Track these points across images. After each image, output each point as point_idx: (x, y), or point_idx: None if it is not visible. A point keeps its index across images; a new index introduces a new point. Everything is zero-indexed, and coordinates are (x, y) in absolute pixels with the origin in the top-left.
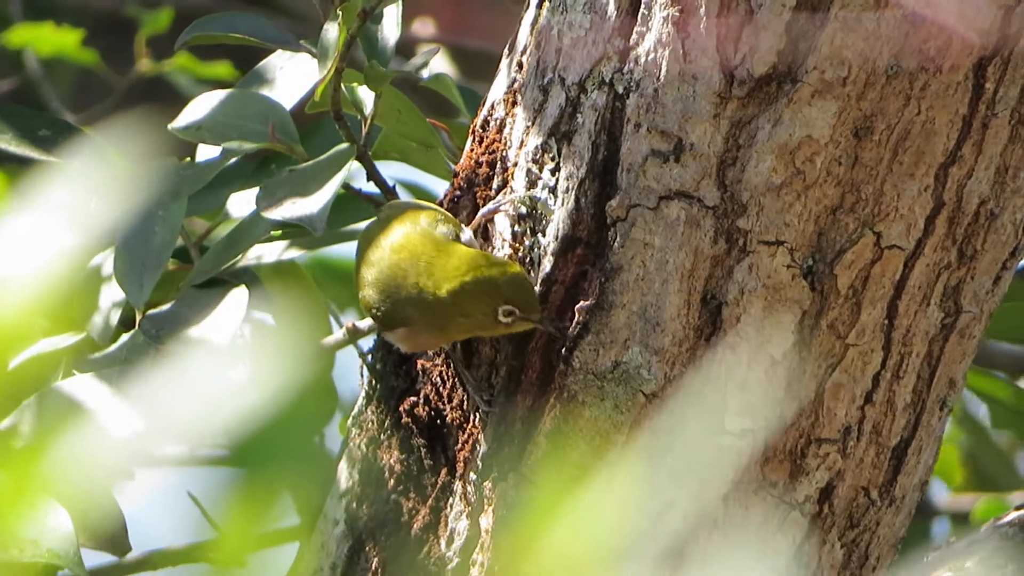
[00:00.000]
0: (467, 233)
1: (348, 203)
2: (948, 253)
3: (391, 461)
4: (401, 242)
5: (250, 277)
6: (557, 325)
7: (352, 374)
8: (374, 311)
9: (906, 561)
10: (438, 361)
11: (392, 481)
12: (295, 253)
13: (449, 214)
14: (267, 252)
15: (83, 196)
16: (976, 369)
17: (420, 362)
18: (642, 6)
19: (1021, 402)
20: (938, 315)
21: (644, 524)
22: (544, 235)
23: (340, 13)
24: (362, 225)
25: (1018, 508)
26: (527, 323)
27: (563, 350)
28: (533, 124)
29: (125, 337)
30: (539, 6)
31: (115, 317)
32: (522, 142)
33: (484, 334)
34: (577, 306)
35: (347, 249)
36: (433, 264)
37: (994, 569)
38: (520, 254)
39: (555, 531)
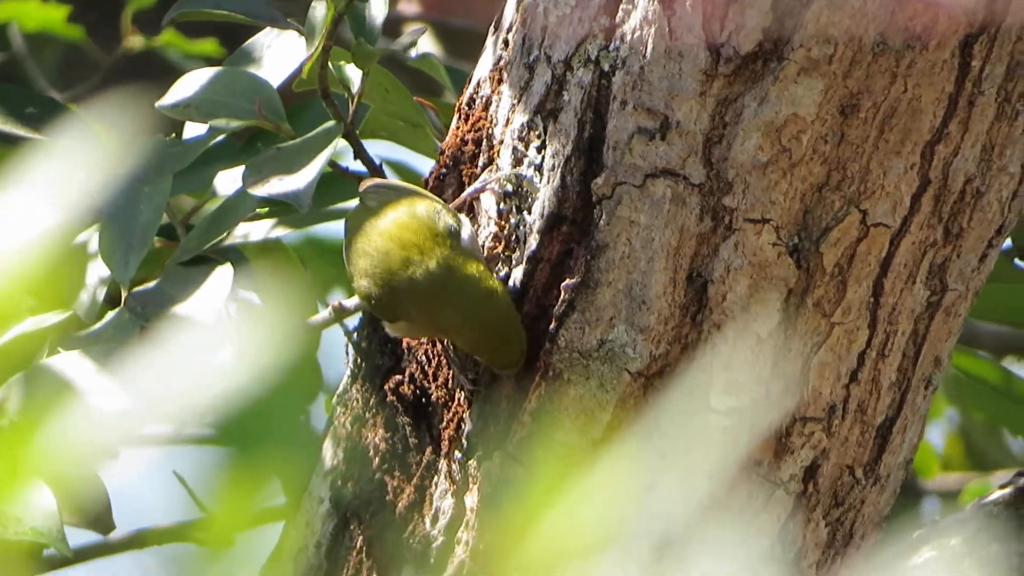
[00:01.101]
0: (466, 229)
1: (335, 181)
2: (934, 231)
3: (376, 440)
4: (402, 237)
5: (236, 255)
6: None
7: (338, 353)
8: (372, 302)
9: (891, 539)
10: (423, 340)
11: (377, 460)
12: (282, 231)
13: (444, 204)
14: (254, 231)
15: (69, 173)
16: (961, 349)
17: (405, 341)
18: None
19: (1006, 383)
20: (924, 293)
21: (630, 503)
22: (530, 213)
23: None
24: (349, 204)
25: (1003, 487)
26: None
27: (549, 328)
28: (519, 102)
29: (111, 315)
30: None
31: (101, 295)
32: (508, 120)
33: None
34: (563, 284)
35: (336, 227)
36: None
37: (979, 547)
38: (505, 232)
39: (541, 510)
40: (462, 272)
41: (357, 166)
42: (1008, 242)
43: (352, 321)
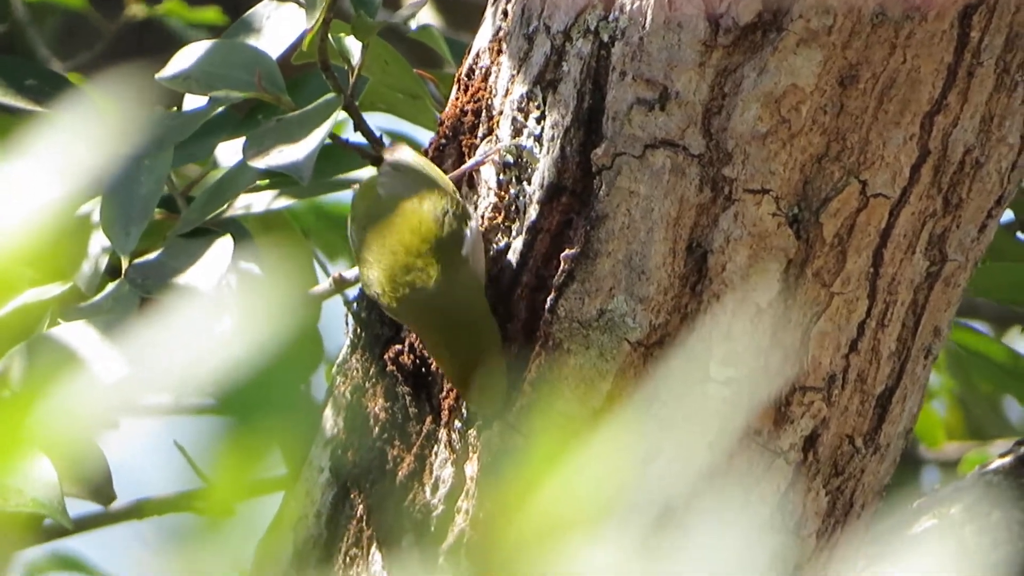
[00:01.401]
0: (470, 233)
1: (335, 153)
2: (933, 201)
3: (376, 409)
4: (409, 242)
5: (237, 227)
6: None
7: (338, 323)
8: (372, 292)
9: (891, 508)
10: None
11: (377, 429)
12: (283, 203)
13: (457, 198)
14: (255, 202)
15: (70, 146)
16: (960, 323)
17: None
18: None
19: (1007, 358)
20: (923, 263)
21: (629, 472)
22: (529, 183)
23: None
24: (351, 175)
25: (1003, 456)
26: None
27: (548, 298)
28: (518, 72)
29: (111, 286)
30: None
31: (102, 266)
32: (507, 90)
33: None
34: (562, 254)
35: (337, 198)
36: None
37: (979, 516)
38: (505, 202)
39: (540, 479)
40: (456, 299)
41: (357, 138)
42: (1010, 215)
43: (352, 291)
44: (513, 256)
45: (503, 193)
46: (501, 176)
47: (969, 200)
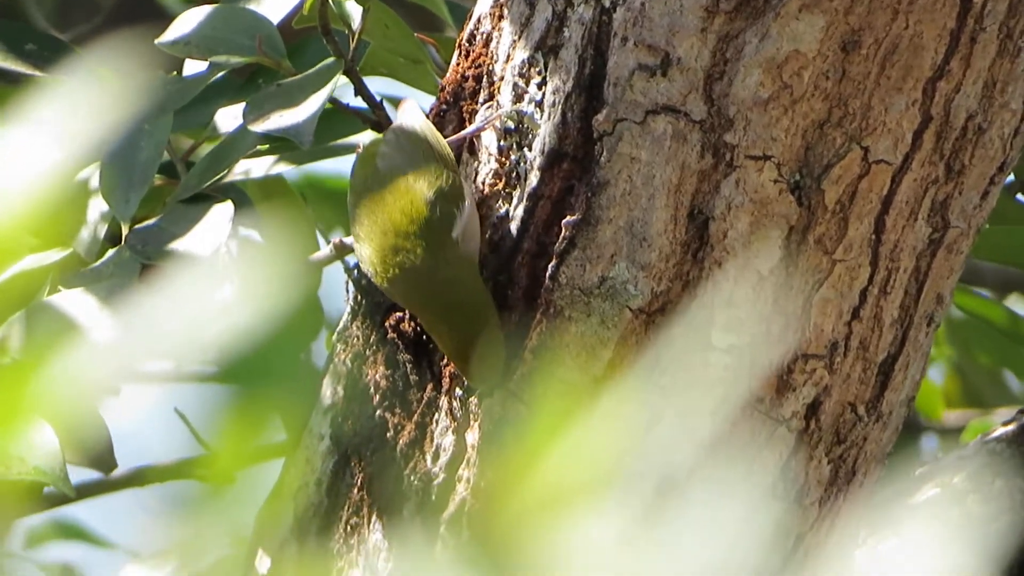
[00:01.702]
0: (467, 205)
1: (336, 118)
2: (936, 168)
3: (376, 377)
4: (399, 223)
5: (237, 193)
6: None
7: (338, 290)
8: (370, 274)
9: (894, 477)
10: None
11: (377, 397)
12: (283, 168)
13: (454, 168)
14: (255, 168)
15: (70, 111)
16: (963, 288)
17: None
18: None
19: (1009, 323)
20: (926, 230)
21: (631, 440)
22: (530, 149)
23: None
24: (351, 139)
25: (1005, 424)
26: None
27: (549, 265)
28: (520, 38)
29: (111, 252)
30: None
31: (102, 232)
32: (508, 56)
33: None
34: (563, 221)
35: (336, 167)
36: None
37: (982, 485)
38: (506, 168)
39: (542, 447)
40: (447, 279)
41: (357, 103)
42: (1011, 176)
43: (353, 258)
44: (514, 223)
45: (504, 159)
46: (502, 142)
47: (971, 166)
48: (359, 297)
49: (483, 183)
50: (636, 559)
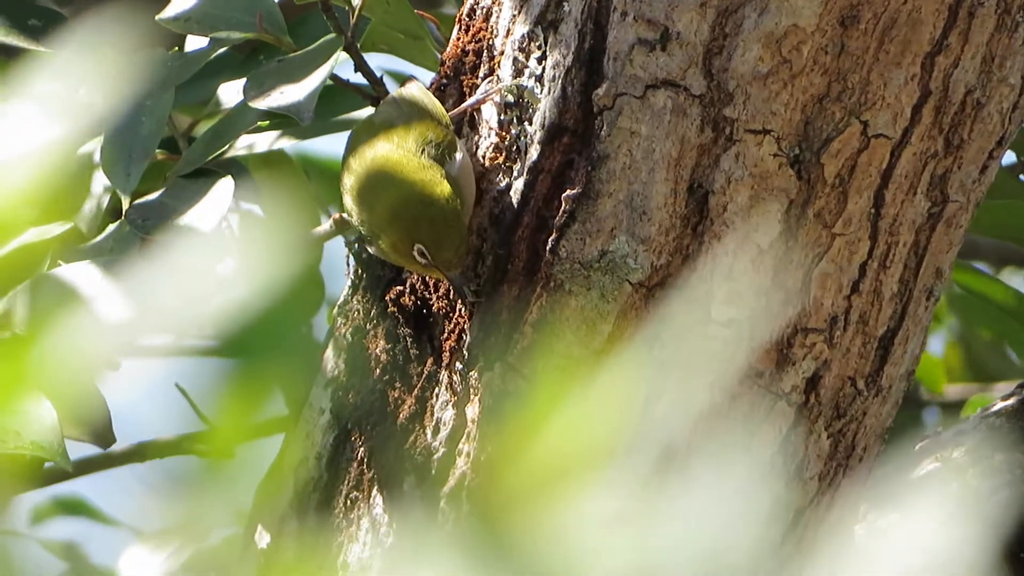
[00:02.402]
0: (459, 157)
1: (336, 94)
2: (935, 142)
3: (377, 351)
4: (381, 160)
5: (238, 168)
6: (469, 286)
7: (339, 265)
8: (351, 218)
9: (893, 451)
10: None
11: (378, 371)
12: (284, 143)
13: (449, 129)
14: (256, 143)
15: (72, 86)
16: (962, 264)
17: None
18: None
19: (1007, 297)
20: (925, 204)
21: (631, 413)
22: (531, 124)
23: None
24: (352, 115)
25: (1005, 398)
26: (439, 272)
27: (549, 238)
28: (519, 12)
29: (112, 227)
30: None
31: (103, 206)
32: (508, 30)
33: (419, 272)
34: (564, 195)
35: (335, 146)
36: (395, 191)
37: (981, 459)
38: (506, 142)
39: (542, 421)
40: (408, 167)
41: (358, 79)
42: (1012, 156)
43: (353, 232)
44: (514, 196)
45: (504, 133)
46: (502, 116)
47: (970, 141)
48: (360, 271)
49: (484, 157)
50: (635, 532)
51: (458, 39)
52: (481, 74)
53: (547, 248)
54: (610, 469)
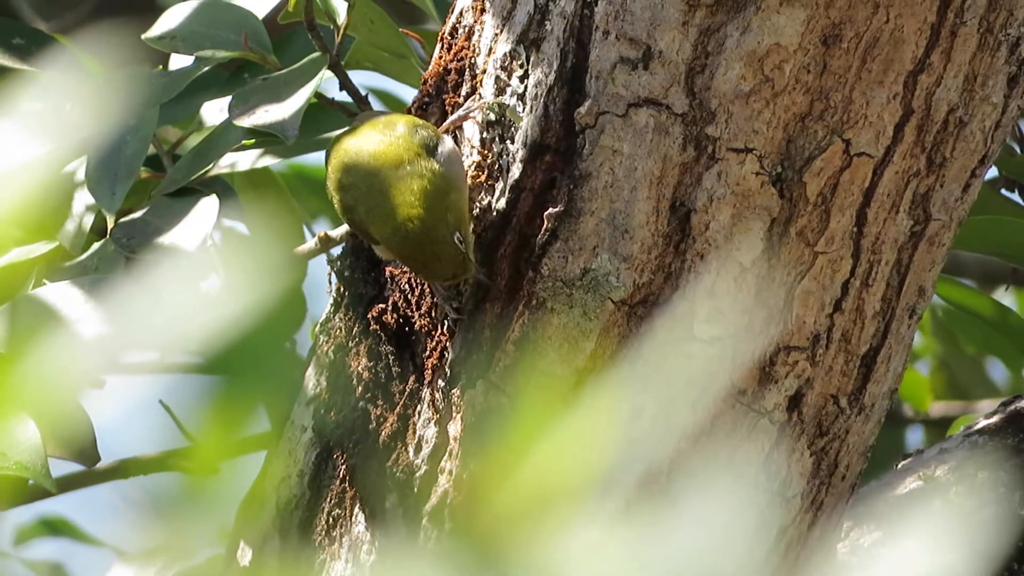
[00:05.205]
0: (446, 143)
1: (321, 112)
2: (917, 161)
3: (359, 368)
4: (380, 149)
5: (223, 186)
6: (452, 303)
7: (322, 283)
8: (349, 217)
9: (876, 469)
10: (407, 268)
11: (360, 388)
12: (268, 161)
13: (428, 123)
14: (240, 161)
15: (56, 104)
16: (946, 278)
17: (388, 269)
18: None
19: (993, 312)
20: (907, 223)
21: (613, 432)
22: (513, 142)
23: None
24: (336, 133)
25: (988, 416)
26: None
27: (531, 257)
28: (502, 31)
29: (97, 245)
30: None
31: (87, 225)
32: (491, 49)
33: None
34: (546, 213)
35: (321, 160)
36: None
37: (964, 477)
38: (488, 161)
39: (524, 439)
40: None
41: (343, 97)
42: (994, 171)
43: (336, 249)
44: (496, 215)
45: (486, 152)
46: (484, 134)
47: (953, 159)
48: (341, 288)
49: (466, 175)
50: (617, 551)
51: (440, 57)
52: (463, 92)
53: (529, 266)
54: (592, 487)
